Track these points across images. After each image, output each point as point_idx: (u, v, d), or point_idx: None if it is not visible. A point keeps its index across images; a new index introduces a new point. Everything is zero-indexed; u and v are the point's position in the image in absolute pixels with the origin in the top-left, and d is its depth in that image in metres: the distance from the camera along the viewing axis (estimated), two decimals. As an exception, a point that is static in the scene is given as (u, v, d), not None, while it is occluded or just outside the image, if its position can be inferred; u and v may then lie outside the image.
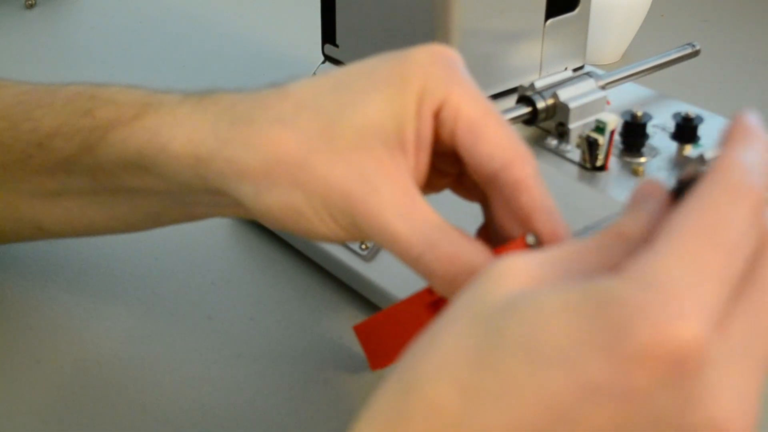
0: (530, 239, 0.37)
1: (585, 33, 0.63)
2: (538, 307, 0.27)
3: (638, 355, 0.25)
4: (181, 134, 0.40)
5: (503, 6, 0.57)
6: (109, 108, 0.43)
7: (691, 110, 0.54)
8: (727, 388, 0.26)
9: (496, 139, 0.37)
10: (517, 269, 0.29)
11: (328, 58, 0.63)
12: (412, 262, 0.37)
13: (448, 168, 0.41)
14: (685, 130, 0.53)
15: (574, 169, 0.53)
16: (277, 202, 0.38)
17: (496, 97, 0.60)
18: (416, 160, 0.38)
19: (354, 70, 0.39)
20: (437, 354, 0.28)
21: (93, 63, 0.90)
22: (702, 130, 0.53)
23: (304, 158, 0.37)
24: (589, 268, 0.29)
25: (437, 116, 0.38)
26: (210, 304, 0.57)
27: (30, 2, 1.01)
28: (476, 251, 0.36)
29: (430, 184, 0.41)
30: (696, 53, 0.63)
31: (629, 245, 0.30)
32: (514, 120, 0.54)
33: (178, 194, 0.43)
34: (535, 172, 0.38)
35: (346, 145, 0.37)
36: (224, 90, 0.42)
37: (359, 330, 0.46)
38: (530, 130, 0.56)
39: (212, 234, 0.63)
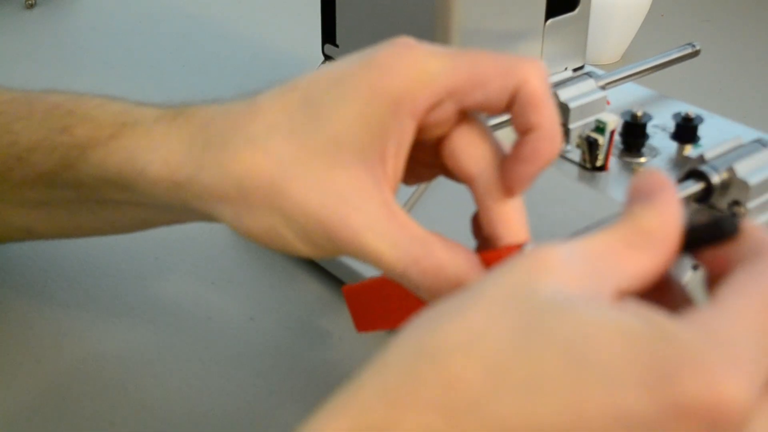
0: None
1: (585, 33, 0.63)
2: (594, 319, 0.27)
3: (683, 404, 0.25)
4: (158, 158, 0.39)
5: (503, 6, 0.57)
6: (87, 126, 0.43)
7: (691, 110, 0.54)
8: None
9: (496, 74, 0.36)
10: (555, 262, 0.29)
11: (328, 58, 0.63)
12: (397, 277, 0.37)
13: (430, 160, 0.40)
14: (685, 130, 0.53)
15: (574, 169, 0.53)
16: (256, 224, 0.38)
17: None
18: (395, 166, 0.37)
19: (322, 81, 0.38)
20: (467, 329, 0.28)
21: (93, 63, 0.90)
22: (702, 130, 0.53)
23: (279, 183, 0.37)
24: (619, 267, 0.29)
25: (430, 114, 0.37)
26: (210, 304, 0.57)
27: (30, 2, 1.01)
28: (460, 261, 0.36)
29: (419, 176, 0.41)
30: (696, 53, 0.63)
31: (653, 241, 0.30)
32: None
33: (163, 208, 0.43)
34: (545, 83, 0.37)
35: (320, 165, 0.37)
36: (198, 104, 0.41)
37: (348, 292, 0.46)
38: (530, 130, 0.56)
39: (212, 234, 0.63)
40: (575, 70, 0.61)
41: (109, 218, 0.46)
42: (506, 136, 0.56)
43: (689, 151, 0.53)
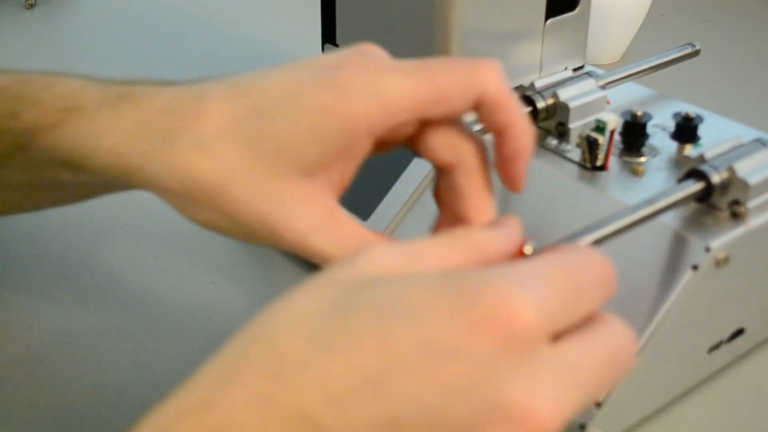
0: (528, 248, 0.37)
1: (585, 33, 0.63)
2: (403, 281, 0.30)
3: (479, 322, 0.28)
4: (104, 146, 0.40)
5: (503, 6, 0.57)
6: (34, 111, 0.43)
7: (691, 110, 0.54)
8: (546, 386, 0.28)
9: (457, 88, 0.37)
10: (375, 255, 0.31)
11: (328, 58, 0.63)
12: None
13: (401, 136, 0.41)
14: (685, 130, 0.53)
15: (574, 169, 0.53)
16: (199, 217, 0.39)
17: (496, 96, 0.60)
18: (342, 176, 0.39)
19: (273, 92, 0.38)
20: (290, 311, 0.31)
21: (93, 63, 0.90)
22: (702, 130, 0.53)
23: (223, 187, 0.38)
24: (435, 258, 0.32)
25: (395, 124, 0.38)
26: (210, 304, 0.57)
27: (30, 2, 1.01)
28: None
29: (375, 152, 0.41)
30: (696, 53, 0.63)
31: (485, 261, 0.32)
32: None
33: (114, 185, 0.44)
34: (504, 83, 0.38)
35: (265, 173, 0.38)
36: (142, 86, 0.41)
37: None
38: (530, 130, 0.56)
39: (212, 234, 0.63)
40: (575, 69, 0.61)
41: (65, 197, 0.48)
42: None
43: (689, 150, 0.53)
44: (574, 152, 0.53)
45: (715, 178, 0.47)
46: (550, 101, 0.54)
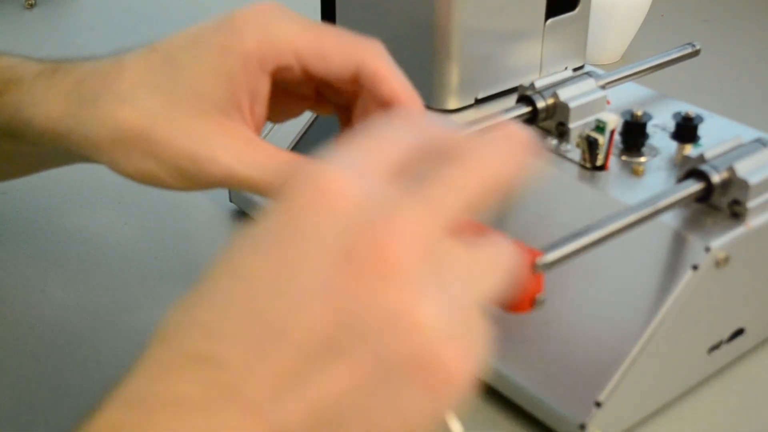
0: (542, 260, 0.38)
1: (585, 33, 0.63)
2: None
3: (352, 253, 0.28)
4: (41, 112, 0.44)
5: (503, 6, 0.57)
6: None
7: (691, 110, 0.54)
8: (424, 293, 0.27)
9: (338, 52, 0.40)
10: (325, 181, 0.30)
11: (328, 58, 0.63)
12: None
13: (306, 92, 0.44)
14: (685, 130, 0.53)
15: (574, 169, 0.53)
16: (133, 168, 0.42)
17: (496, 96, 0.60)
18: (253, 112, 0.42)
19: (179, 41, 0.43)
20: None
21: (93, 63, 0.90)
22: (702, 130, 0.53)
23: (148, 131, 0.41)
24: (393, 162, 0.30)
25: (281, 65, 0.41)
26: (210, 304, 0.57)
27: (30, 2, 1.01)
28: None
29: (289, 111, 0.45)
30: (696, 53, 0.63)
31: (432, 141, 0.31)
32: (514, 120, 0.54)
33: (51, 155, 0.47)
34: (386, 60, 0.40)
35: (183, 114, 0.41)
36: (73, 60, 0.46)
37: None
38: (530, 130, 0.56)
39: (212, 233, 0.63)
40: (575, 69, 0.61)
41: (7, 169, 0.52)
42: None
43: (689, 150, 0.53)
44: (574, 152, 0.53)
45: (715, 178, 0.47)
46: (550, 101, 0.54)
